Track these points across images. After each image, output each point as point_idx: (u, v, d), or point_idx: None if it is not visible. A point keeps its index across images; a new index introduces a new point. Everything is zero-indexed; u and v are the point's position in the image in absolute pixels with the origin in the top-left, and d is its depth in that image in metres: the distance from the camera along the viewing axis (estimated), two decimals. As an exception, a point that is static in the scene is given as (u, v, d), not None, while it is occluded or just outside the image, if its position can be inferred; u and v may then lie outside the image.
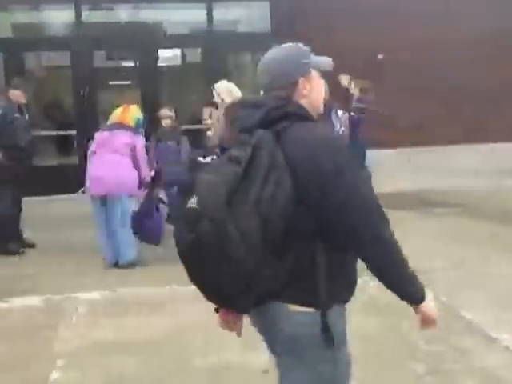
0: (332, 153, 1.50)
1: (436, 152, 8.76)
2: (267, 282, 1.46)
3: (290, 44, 1.70)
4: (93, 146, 4.99)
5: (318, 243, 1.49)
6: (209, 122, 6.15)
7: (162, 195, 6.41)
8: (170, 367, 3.06)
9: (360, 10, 8.57)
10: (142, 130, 5.35)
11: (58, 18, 8.92)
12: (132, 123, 5.08)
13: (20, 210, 5.58)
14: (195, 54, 9.48)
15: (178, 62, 9.94)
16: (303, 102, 1.61)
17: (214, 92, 5.06)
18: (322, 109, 1.68)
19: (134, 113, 5.17)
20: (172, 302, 4.03)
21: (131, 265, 4.88)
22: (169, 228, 5.02)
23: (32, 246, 5.61)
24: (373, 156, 6.76)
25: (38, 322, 3.76)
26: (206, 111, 6.27)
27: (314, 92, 1.63)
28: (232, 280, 1.41)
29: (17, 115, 5.44)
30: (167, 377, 2.98)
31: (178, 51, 9.58)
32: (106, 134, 5.00)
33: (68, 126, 8.89)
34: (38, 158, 6.90)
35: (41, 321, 3.77)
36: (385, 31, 8.53)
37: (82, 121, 8.56)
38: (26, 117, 5.62)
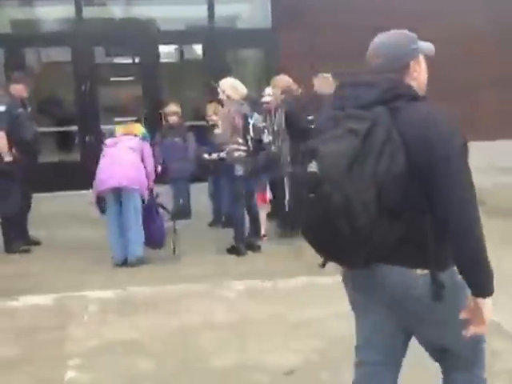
0: (443, 138, 1.60)
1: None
2: (380, 246, 1.60)
3: (398, 31, 1.85)
4: (104, 151, 5.06)
5: (428, 214, 1.62)
6: (214, 118, 6.12)
7: (170, 191, 6.43)
8: (185, 367, 3.03)
9: (363, 6, 8.52)
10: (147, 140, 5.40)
11: (59, 14, 8.83)
12: (138, 134, 5.23)
13: (29, 207, 5.53)
14: (196, 51, 9.39)
15: (179, 58, 9.85)
16: (413, 83, 1.77)
17: (218, 89, 5.03)
18: (425, 90, 1.82)
19: (139, 128, 5.35)
20: (184, 299, 4.00)
21: (140, 261, 4.85)
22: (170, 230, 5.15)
23: (37, 243, 5.55)
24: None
25: (49, 321, 3.71)
26: (210, 108, 6.23)
27: (421, 74, 1.81)
28: (350, 243, 1.56)
29: (20, 110, 5.37)
30: (183, 377, 2.95)
31: (178, 47, 9.49)
32: (115, 138, 5.13)
33: (68, 122, 8.82)
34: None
35: (51, 320, 3.73)
36: (387, 28, 8.51)
37: (83, 117, 8.50)
38: (29, 110, 5.55)
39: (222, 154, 5.84)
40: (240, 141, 4.90)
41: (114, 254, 4.90)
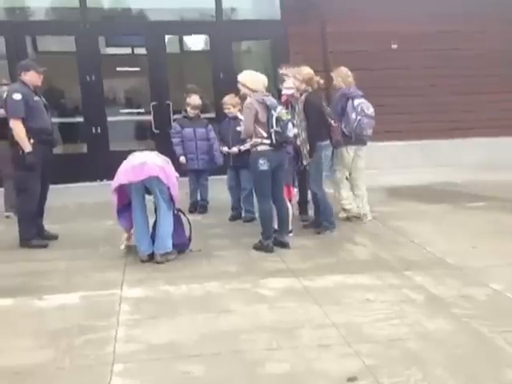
0: None
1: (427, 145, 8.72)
2: None
3: None
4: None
5: None
6: (232, 110, 5.95)
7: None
8: (235, 372, 2.84)
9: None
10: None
11: (62, 3, 8.54)
12: None
13: (45, 199, 5.31)
14: (203, 42, 9.18)
15: (187, 49, 9.63)
16: None
17: (238, 84, 4.87)
18: None
19: None
20: (222, 298, 3.82)
21: (168, 255, 4.67)
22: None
23: (55, 237, 5.33)
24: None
25: (81, 322, 3.49)
26: (230, 100, 6.03)
27: None
28: None
29: (36, 98, 5.12)
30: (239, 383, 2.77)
31: (186, 38, 9.26)
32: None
33: (74, 113, 8.57)
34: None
35: (83, 321, 3.51)
36: (400, 18, 8.36)
37: (88, 108, 8.26)
38: (43, 99, 5.30)
39: (243, 147, 5.69)
40: (264, 134, 4.72)
41: (141, 247, 4.70)
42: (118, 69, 8.45)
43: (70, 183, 7.58)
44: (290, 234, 5.18)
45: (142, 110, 8.58)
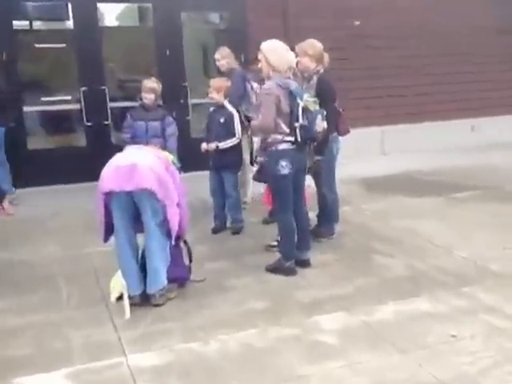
0: None
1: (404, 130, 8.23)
2: None
3: None
4: None
5: None
6: (214, 96, 4.82)
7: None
8: None
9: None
10: None
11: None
12: None
13: None
14: (146, 12, 7.68)
15: (124, 21, 8.00)
16: None
17: (259, 55, 3.76)
18: None
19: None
20: (278, 355, 2.80)
21: (169, 292, 3.56)
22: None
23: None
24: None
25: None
26: (217, 83, 4.89)
27: None
28: None
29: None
30: None
31: (124, 8, 7.65)
32: None
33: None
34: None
35: None
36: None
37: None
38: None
39: (223, 144, 4.64)
40: (286, 129, 3.72)
41: (129, 284, 3.51)
42: (37, 45, 6.79)
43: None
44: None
45: (68, 98, 7.02)
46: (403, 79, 8.02)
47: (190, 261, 3.79)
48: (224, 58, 5.55)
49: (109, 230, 3.49)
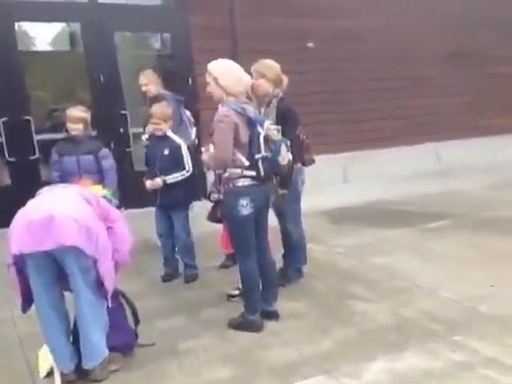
0: None
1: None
2: None
3: None
4: None
5: None
6: (163, 126, 4.25)
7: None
8: None
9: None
10: None
11: None
12: None
13: None
14: (72, 33, 7.03)
15: (50, 43, 7.29)
16: None
17: (207, 76, 3.25)
18: None
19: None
20: None
21: (111, 364, 2.90)
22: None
23: None
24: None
25: None
26: (162, 113, 4.32)
27: None
28: None
29: None
30: None
31: (49, 27, 6.94)
32: None
33: None
34: None
35: None
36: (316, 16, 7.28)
37: None
38: None
39: (171, 178, 4.09)
40: (245, 162, 3.20)
41: (61, 361, 2.83)
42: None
43: None
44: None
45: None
46: (362, 104, 7.75)
47: (136, 321, 3.14)
48: (151, 81, 5.09)
49: (27, 297, 2.82)
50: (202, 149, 3.33)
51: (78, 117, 4.36)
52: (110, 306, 2.85)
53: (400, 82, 7.93)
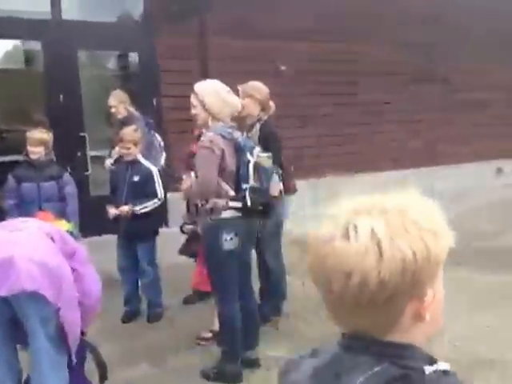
0: None
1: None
2: None
3: None
4: None
5: None
6: (132, 150, 3.84)
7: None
8: None
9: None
10: None
11: None
12: None
13: None
14: (28, 50, 6.52)
15: (6, 61, 6.72)
16: None
17: (192, 99, 2.90)
18: None
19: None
20: None
21: None
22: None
23: None
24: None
25: None
26: (132, 136, 3.91)
27: None
28: None
29: None
30: None
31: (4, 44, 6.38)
32: None
33: None
34: None
35: None
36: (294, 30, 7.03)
37: None
38: None
39: (141, 208, 3.69)
40: (230, 192, 2.85)
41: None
42: None
43: None
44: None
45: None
46: (330, 129, 7.57)
47: (103, 378, 2.68)
48: (121, 102, 4.79)
49: None
50: (183, 176, 2.97)
51: (39, 139, 3.98)
52: (74, 361, 2.38)
53: (366, 107, 7.84)
